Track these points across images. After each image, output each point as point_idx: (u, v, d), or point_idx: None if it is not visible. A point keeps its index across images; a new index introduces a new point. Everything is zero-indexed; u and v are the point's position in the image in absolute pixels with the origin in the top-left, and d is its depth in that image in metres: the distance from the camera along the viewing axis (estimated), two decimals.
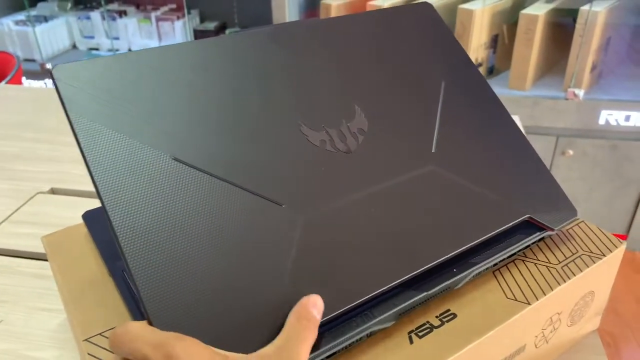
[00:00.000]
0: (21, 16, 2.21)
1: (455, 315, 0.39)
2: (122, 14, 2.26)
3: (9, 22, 2.16)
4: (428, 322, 0.39)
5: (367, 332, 0.36)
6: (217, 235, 0.35)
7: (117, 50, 2.27)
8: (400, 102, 0.46)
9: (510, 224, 0.43)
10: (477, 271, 0.41)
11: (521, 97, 1.66)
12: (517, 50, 1.66)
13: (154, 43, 2.24)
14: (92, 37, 2.28)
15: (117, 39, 2.25)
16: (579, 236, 0.47)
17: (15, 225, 0.68)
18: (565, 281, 0.42)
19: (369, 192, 0.40)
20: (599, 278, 0.46)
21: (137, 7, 2.33)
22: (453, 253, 0.40)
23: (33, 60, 2.19)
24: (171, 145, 0.36)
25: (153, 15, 2.21)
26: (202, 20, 2.34)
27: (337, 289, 0.36)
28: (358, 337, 0.36)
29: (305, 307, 0.33)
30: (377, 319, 0.36)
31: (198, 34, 2.28)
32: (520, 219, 0.44)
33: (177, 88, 0.38)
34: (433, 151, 0.44)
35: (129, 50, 2.25)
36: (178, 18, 2.21)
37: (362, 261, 0.37)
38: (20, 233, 0.67)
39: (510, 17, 1.74)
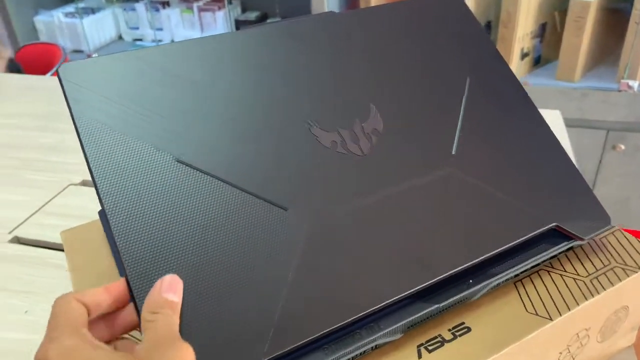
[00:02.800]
0: (71, 8, 2.28)
1: (469, 329, 0.37)
2: (165, 4, 2.29)
3: (59, 14, 2.23)
4: (440, 335, 0.37)
5: (373, 345, 0.34)
6: (220, 240, 0.34)
7: (160, 40, 2.31)
8: (421, 100, 0.44)
9: (535, 232, 0.40)
10: (495, 283, 0.39)
11: (569, 89, 1.58)
12: (566, 39, 1.57)
13: (196, 34, 2.27)
14: (136, 28, 2.33)
15: (160, 29, 2.29)
16: (612, 246, 0.44)
17: (46, 217, 0.70)
18: (593, 295, 0.39)
19: (380, 196, 0.38)
20: (634, 292, 0.43)
21: None
22: (469, 263, 0.38)
23: (81, 52, 2.26)
24: (175, 146, 0.35)
25: (195, 5, 2.23)
26: (243, 10, 2.35)
27: (341, 300, 0.34)
28: (362, 350, 0.34)
29: (156, 298, 0.30)
30: (384, 332, 0.35)
31: (239, 24, 2.29)
32: (546, 227, 0.41)
33: (183, 87, 0.37)
34: (453, 153, 0.42)
35: (172, 41, 2.29)
36: (219, 8, 2.23)
37: (370, 271, 0.36)
38: (50, 224, 0.68)
39: (561, 4, 1.66)
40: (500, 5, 1.60)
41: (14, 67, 1.54)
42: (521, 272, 0.40)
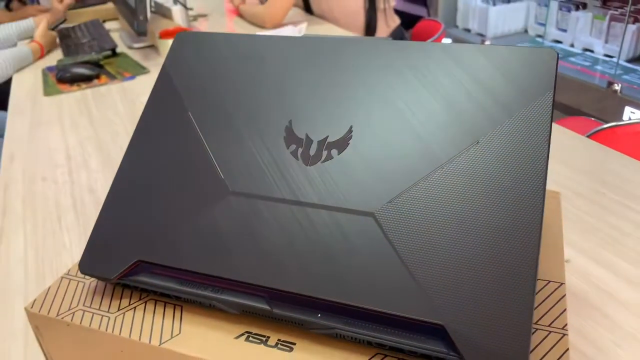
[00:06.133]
0: None
1: (291, 349, 0.39)
2: (580, 6, 2.16)
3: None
4: (268, 337, 0.40)
5: (209, 302, 0.42)
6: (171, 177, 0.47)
7: (559, 42, 2.22)
8: (410, 135, 0.42)
9: (414, 317, 0.36)
10: (333, 332, 0.38)
11: None
12: None
13: (597, 44, 2.08)
14: (542, 25, 2.30)
15: (564, 30, 2.20)
16: None
17: None
18: None
19: (298, 208, 0.42)
20: None
21: (604, 2, 2.18)
22: (320, 296, 0.38)
23: (482, 35, 2.41)
24: (190, 105, 0.49)
25: (609, 13, 2.03)
26: None
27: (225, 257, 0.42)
28: (200, 300, 0.42)
29: None
30: (221, 298, 0.41)
31: None
32: (431, 320, 0.36)
33: (239, 76, 0.50)
34: (387, 201, 0.40)
35: (571, 45, 2.17)
36: (635, 21, 1.96)
37: (251, 254, 0.41)
38: None
39: None
40: None
41: (397, 34, 1.83)
42: (377, 344, 0.37)
